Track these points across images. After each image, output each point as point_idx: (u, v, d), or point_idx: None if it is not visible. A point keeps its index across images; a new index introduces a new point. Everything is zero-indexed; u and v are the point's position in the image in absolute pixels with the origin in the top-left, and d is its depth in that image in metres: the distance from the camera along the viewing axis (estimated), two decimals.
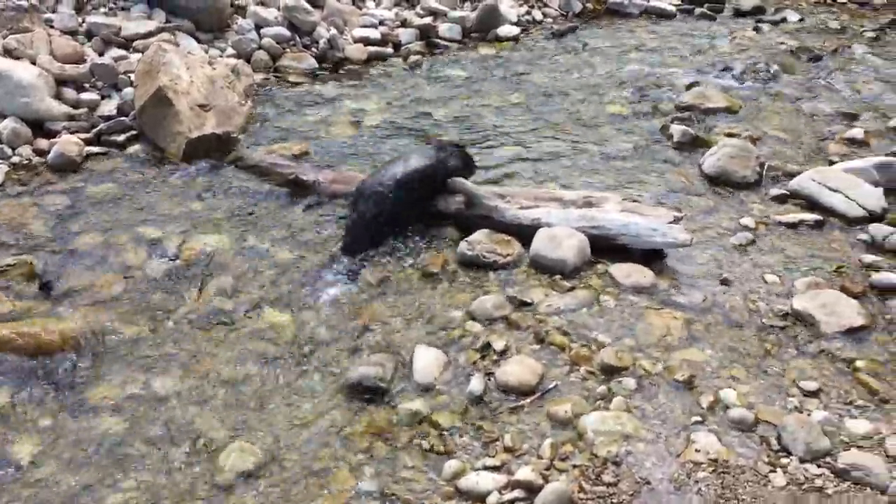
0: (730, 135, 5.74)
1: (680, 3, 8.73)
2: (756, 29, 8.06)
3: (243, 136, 5.62)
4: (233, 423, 3.41)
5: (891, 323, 3.85)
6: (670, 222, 4.31)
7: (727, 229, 4.66)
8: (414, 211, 4.63)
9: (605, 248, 4.35)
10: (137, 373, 3.69)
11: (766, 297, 4.07)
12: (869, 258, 4.31)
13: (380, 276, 4.29)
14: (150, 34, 6.35)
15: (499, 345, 3.74)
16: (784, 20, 8.30)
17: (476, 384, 3.49)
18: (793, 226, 4.67)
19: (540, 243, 4.32)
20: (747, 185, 5.10)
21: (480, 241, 4.41)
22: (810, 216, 4.71)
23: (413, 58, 7.12)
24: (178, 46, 6.21)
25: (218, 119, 5.52)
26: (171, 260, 4.42)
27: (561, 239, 4.29)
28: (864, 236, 4.53)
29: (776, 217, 4.75)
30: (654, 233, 4.28)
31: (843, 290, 4.05)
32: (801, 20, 8.36)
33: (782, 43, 7.62)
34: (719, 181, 5.15)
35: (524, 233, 4.44)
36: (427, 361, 3.63)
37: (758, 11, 8.53)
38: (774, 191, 5.03)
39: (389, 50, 7.23)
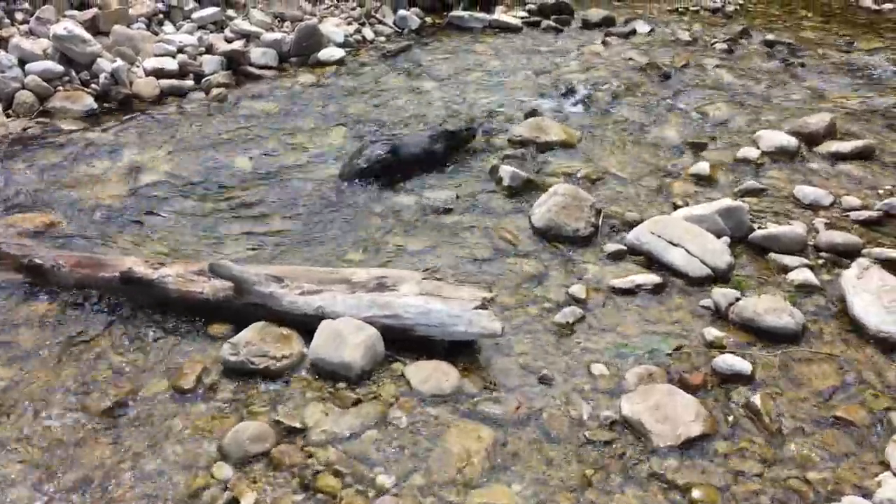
0: (566, 174, 5.05)
1: (526, 15, 8.10)
2: (604, 43, 7.48)
3: None
4: None
5: (734, 426, 3.18)
6: (478, 307, 3.53)
7: (553, 302, 3.93)
8: None
9: (404, 338, 3.55)
10: None
11: (592, 397, 3.35)
12: (712, 333, 3.65)
13: (115, 399, 3.34)
14: None
15: (248, 500, 2.87)
16: (633, 32, 7.77)
17: None
18: (629, 292, 3.99)
19: (321, 341, 3.47)
20: (581, 240, 4.41)
21: (249, 342, 3.52)
22: (648, 278, 4.05)
23: (216, 91, 6.17)
24: None
25: None
26: None
27: (346, 335, 3.46)
28: (707, 302, 3.88)
29: (610, 282, 4.06)
30: (458, 321, 3.50)
31: (681, 382, 3.38)
32: (651, 31, 7.85)
33: (630, 59, 7.06)
34: (550, 236, 4.44)
35: (308, 324, 3.59)
36: None
37: (606, 23, 7.99)
38: (611, 246, 4.35)
39: (189, 82, 6.26)
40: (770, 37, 7.52)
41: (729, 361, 3.43)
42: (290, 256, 4.29)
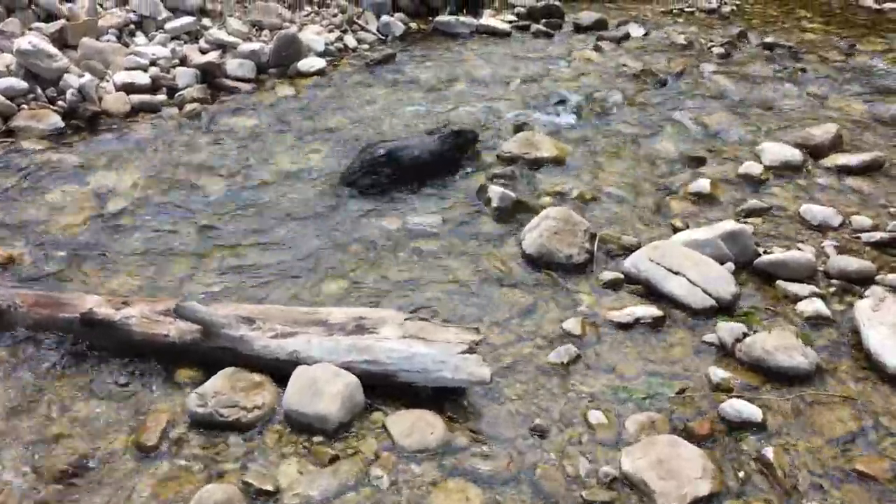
0: (558, 193, 4.79)
1: (515, 19, 7.82)
2: (597, 48, 7.20)
3: None
4: None
5: (745, 482, 2.91)
6: (464, 351, 3.26)
7: (546, 339, 3.66)
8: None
9: (385, 384, 3.28)
10: None
11: (590, 450, 3.08)
12: (718, 374, 3.38)
13: (73, 458, 3.06)
14: None
15: None
16: (627, 36, 7.49)
17: None
18: (627, 326, 3.72)
19: (296, 390, 3.20)
20: (575, 268, 4.14)
21: (217, 391, 3.25)
22: (647, 311, 3.78)
23: (190, 106, 5.86)
24: None
25: None
26: None
27: (323, 384, 3.18)
28: (711, 337, 3.62)
29: (607, 315, 3.79)
30: (443, 366, 3.23)
31: (686, 431, 3.11)
32: (645, 35, 7.57)
33: (624, 65, 6.78)
34: (541, 263, 4.17)
35: (281, 369, 3.32)
36: None
37: (599, 26, 7.70)
38: (607, 274, 4.08)
39: (161, 97, 5.95)
40: (769, 39, 7.24)
41: (737, 407, 3.16)
42: (265, 289, 4.02)
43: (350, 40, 7.13)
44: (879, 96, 6.09)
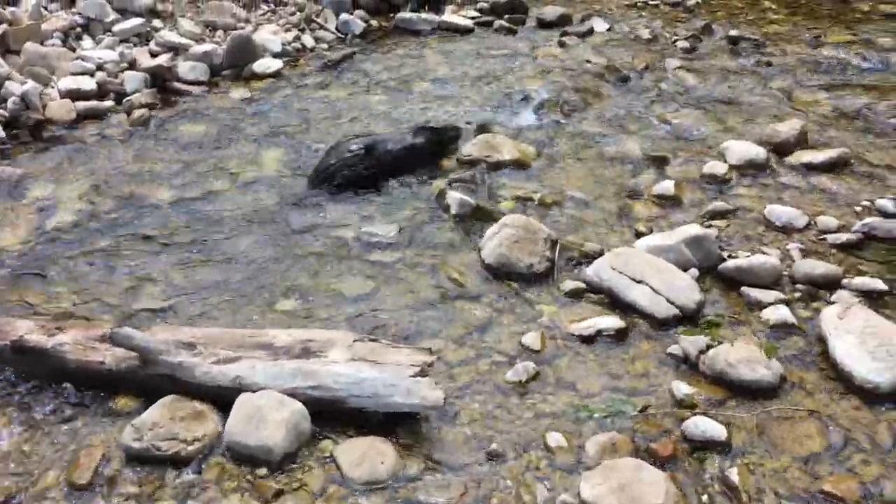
0: (520, 198, 4.64)
1: (478, 15, 7.64)
2: (560, 44, 7.04)
3: None
4: None
5: None
6: (416, 373, 3.10)
7: (505, 355, 3.51)
8: None
9: (333, 410, 3.11)
10: None
11: (548, 476, 2.93)
12: (681, 390, 3.25)
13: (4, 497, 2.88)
14: None
15: None
16: (591, 31, 7.33)
17: None
18: (589, 339, 3.58)
19: (238, 420, 3.04)
20: (536, 278, 3.99)
21: (155, 423, 3.07)
22: (610, 322, 3.64)
23: (139, 112, 5.62)
24: None
25: None
26: None
27: (266, 412, 3.02)
28: (675, 349, 3.48)
29: (568, 327, 3.65)
30: (394, 391, 3.07)
31: (648, 452, 2.98)
32: (609, 29, 7.42)
33: (588, 61, 6.62)
34: (501, 273, 4.02)
35: (224, 397, 3.15)
36: None
37: (563, 21, 7.53)
38: (569, 283, 3.93)
39: (109, 103, 5.72)
40: (734, 32, 7.12)
41: (701, 426, 3.03)
42: (213, 308, 3.83)
43: (308, 40, 6.92)
44: (845, 90, 5.99)
